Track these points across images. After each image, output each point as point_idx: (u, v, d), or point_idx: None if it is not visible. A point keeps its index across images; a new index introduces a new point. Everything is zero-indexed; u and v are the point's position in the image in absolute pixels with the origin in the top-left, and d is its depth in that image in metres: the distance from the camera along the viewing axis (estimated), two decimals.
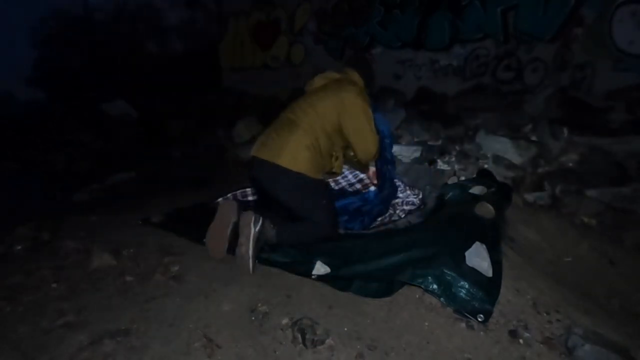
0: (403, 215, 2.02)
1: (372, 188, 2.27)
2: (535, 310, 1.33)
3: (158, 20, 12.56)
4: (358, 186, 2.35)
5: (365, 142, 1.87)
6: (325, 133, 1.77)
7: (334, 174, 2.08)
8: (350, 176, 2.38)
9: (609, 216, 2.29)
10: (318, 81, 1.96)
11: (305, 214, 1.74)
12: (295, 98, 1.95)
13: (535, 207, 2.41)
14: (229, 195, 2.39)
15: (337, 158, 1.91)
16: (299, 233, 1.74)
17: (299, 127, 1.74)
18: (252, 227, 1.57)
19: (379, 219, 2.04)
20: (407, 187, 2.25)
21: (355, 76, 1.96)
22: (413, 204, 2.11)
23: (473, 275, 1.35)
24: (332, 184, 2.36)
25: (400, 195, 2.19)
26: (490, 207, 1.74)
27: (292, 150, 1.69)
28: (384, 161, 2.12)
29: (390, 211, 2.09)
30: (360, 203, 2.18)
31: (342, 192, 2.33)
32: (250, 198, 2.39)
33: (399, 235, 1.69)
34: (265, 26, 7.45)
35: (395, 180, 2.22)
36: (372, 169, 2.20)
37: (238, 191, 2.42)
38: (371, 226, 1.99)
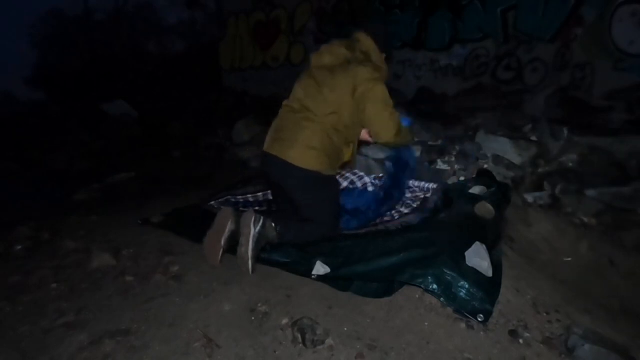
0: (405, 211, 2.01)
1: (370, 188, 2.27)
2: (535, 310, 1.33)
3: (158, 20, 12.61)
4: (359, 185, 2.34)
5: (384, 127, 1.80)
6: (339, 122, 1.71)
7: (347, 164, 2.05)
8: (353, 177, 2.38)
9: (609, 216, 2.29)
10: (327, 58, 1.79)
11: (311, 212, 1.73)
12: (302, 79, 1.81)
13: (535, 207, 2.41)
14: (228, 196, 2.37)
15: (349, 145, 1.82)
16: (301, 232, 1.73)
17: (310, 121, 1.68)
18: (252, 228, 1.57)
19: (383, 217, 2.03)
20: (417, 190, 2.25)
21: (367, 43, 1.80)
22: (412, 204, 2.10)
23: (473, 275, 1.35)
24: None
25: (409, 195, 2.19)
26: (490, 207, 1.74)
27: (303, 147, 1.66)
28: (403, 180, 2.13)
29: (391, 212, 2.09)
30: (359, 204, 2.17)
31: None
32: (250, 199, 2.38)
33: (399, 236, 1.68)
34: (265, 26, 7.46)
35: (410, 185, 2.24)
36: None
37: (238, 192, 2.42)
38: (371, 223, 1.98)
